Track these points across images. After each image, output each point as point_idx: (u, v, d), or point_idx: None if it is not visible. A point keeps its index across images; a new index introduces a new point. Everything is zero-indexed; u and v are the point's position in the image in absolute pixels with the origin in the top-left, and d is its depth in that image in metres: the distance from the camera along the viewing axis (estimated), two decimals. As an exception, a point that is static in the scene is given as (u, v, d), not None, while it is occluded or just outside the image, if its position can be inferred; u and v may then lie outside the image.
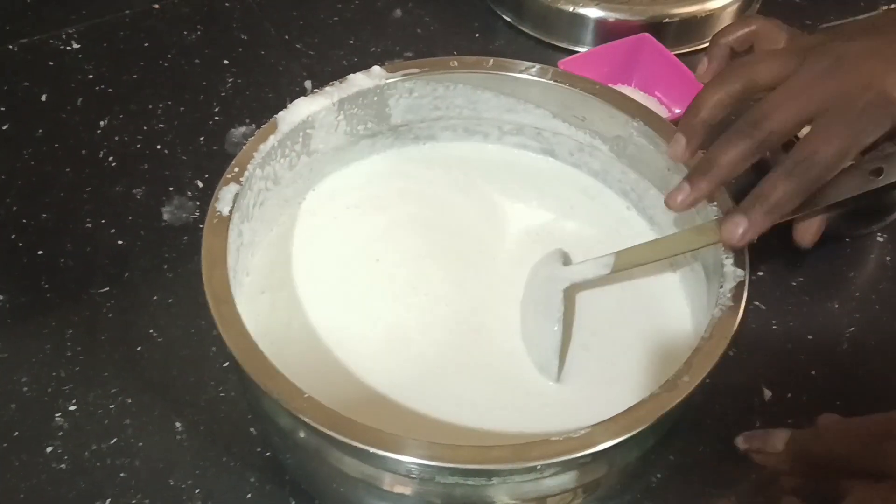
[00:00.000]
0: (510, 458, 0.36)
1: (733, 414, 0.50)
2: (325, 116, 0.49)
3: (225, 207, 0.43)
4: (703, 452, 0.48)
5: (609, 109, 0.49)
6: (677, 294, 0.49)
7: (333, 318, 0.48)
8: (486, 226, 0.52)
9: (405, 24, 0.71)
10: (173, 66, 0.68)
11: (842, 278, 0.56)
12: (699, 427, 0.49)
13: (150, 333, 0.52)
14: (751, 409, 0.50)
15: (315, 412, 0.37)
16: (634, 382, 0.45)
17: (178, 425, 0.49)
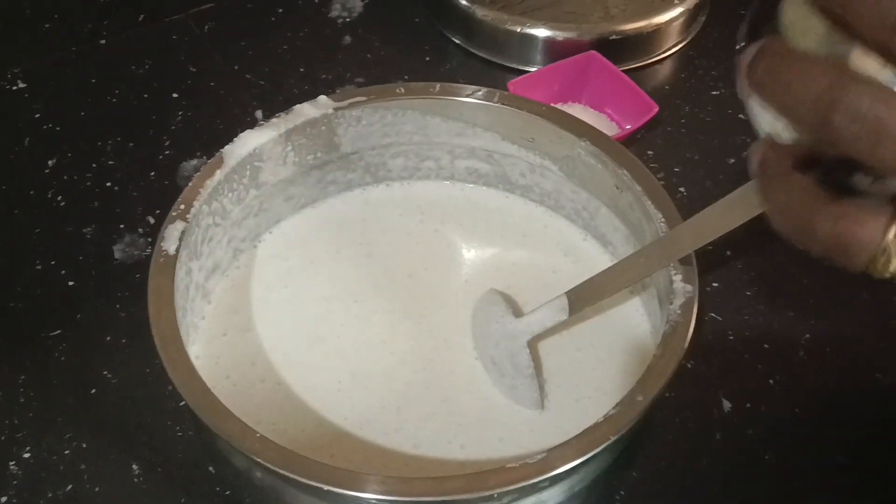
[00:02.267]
0: (466, 489, 0.36)
1: (694, 427, 0.50)
2: (272, 148, 0.49)
3: (171, 246, 0.43)
4: (665, 467, 0.48)
5: (556, 130, 0.50)
6: (639, 310, 0.50)
7: (296, 358, 0.48)
8: (442, 263, 0.53)
9: (355, 51, 0.71)
10: (122, 102, 0.67)
11: (796, 286, 0.57)
12: (661, 442, 0.49)
13: (104, 375, 0.52)
14: (711, 421, 0.50)
15: (268, 451, 0.36)
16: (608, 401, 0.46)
17: (136, 468, 0.48)
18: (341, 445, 0.44)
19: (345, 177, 0.55)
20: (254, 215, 0.51)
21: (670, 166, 0.62)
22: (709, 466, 0.48)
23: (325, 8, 0.75)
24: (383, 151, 0.54)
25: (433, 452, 0.44)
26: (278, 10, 0.75)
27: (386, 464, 0.43)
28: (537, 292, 0.50)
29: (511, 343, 0.46)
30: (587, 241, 0.53)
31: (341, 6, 0.75)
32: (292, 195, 0.53)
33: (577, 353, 0.48)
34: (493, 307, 0.48)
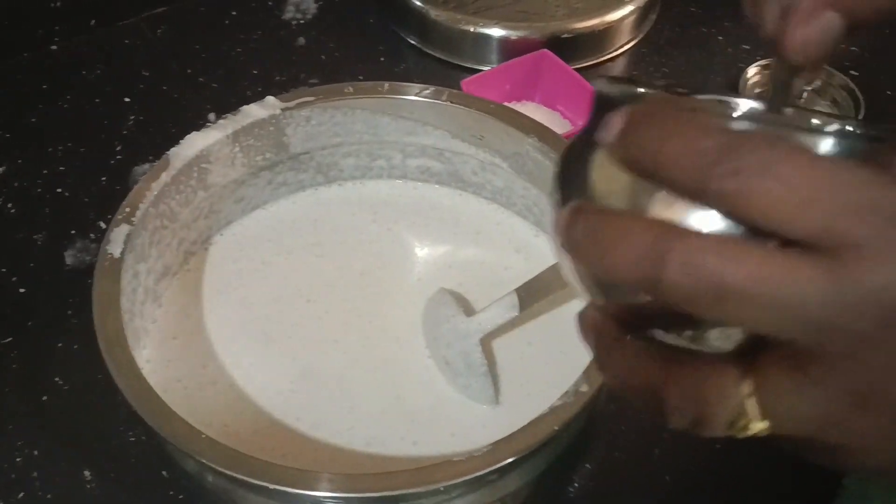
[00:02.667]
0: (413, 483, 0.36)
1: (647, 418, 0.50)
2: (220, 150, 0.49)
3: (116, 249, 0.43)
4: (619, 458, 0.49)
5: (504, 127, 0.50)
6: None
7: (248, 359, 0.48)
8: (394, 262, 0.53)
9: (309, 52, 0.71)
10: (73, 107, 0.67)
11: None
12: (614, 433, 0.49)
13: (55, 382, 0.51)
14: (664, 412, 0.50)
15: (213, 452, 0.36)
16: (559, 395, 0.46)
17: (88, 474, 0.48)
18: (294, 446, 0.44)
19: (296, 177, 0.55)
20: (203, 217, 0.51)
21: (623, 162, 0.63)
22: (662, 456, 0.49)
23: (278, 10, 0.75)
24: (334, 151, 0.54)
25: (385, 450, 0.44)
26: (232, 13, 0.74)
27: (338, 463, 0.43)
28: (490, 290, 0.50)
29: (463, 342, 0.47)
30: (539, 238, 0.54)
31: (295, 8, 0.75)
32: (242, 196, 0.53)
33: (528, 348, 0.49)
34: (444, 307, 0.48)
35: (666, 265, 0.21)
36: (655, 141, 0.22)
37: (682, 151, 0.21)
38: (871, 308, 0.20)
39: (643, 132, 0.22)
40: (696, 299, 0.21)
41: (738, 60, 0.70)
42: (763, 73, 0.69)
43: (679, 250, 0.21)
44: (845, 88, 0.67)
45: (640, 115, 0.23)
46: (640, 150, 0.22)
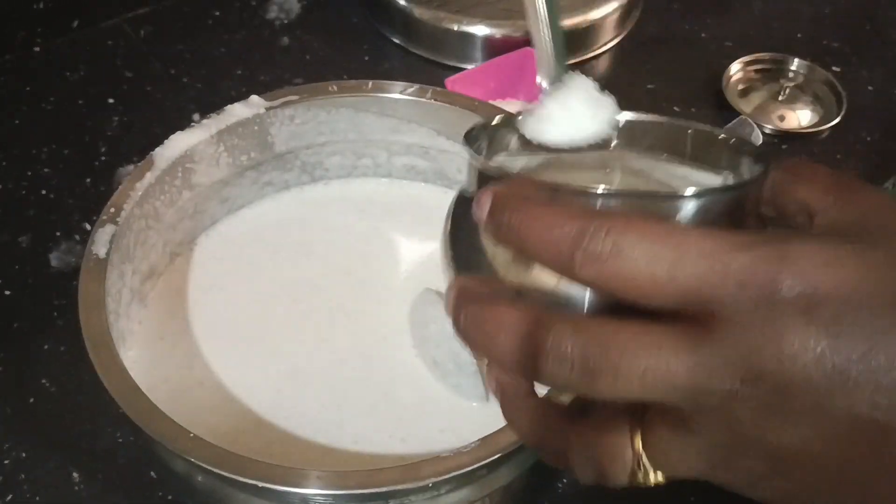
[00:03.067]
0: (401, 479, 0.36)
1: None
2: (204, 149, 0.49)
3: (101, 249, 0.43)
4: (607, 454, 0.49)
5: (488, 124, 0.50)
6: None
7: (235, 359, 0.48)
8: (381, 260, 0.53)
9: (294, 52, 0.71)
10: (57, 109, 0.67)
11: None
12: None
13: (42, 384, 0.51)
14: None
15: (200, 450, 0.36)
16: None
17: (76, 475, 0.47)
18: (282, 445, 0.44)
19: (281, 177, 0.55)
20: (189, 217, 0.51)
21: (607, 158, 0.63)
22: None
23: (262, 10, 0.75)
24: (319, 150, 0.54)
25: (373, 448, 0.44)
26: (215, 13, 0.74)
27: (326, 461, 0.43)
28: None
29: (452, 342, 0.47)
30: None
31: (279, 7, 0.75)
32: (228, 196, 0.53)
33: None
34: (431, 307, 0.48)
35: (540, 357, 0.22)
36: (519, 227, 0.24)
37: (543, 238, 0.23)
38: (733, 369, 0.21)
39: (507, 216, 0.24)
40: (573, 384, 0.22)
41: (722, 57, 0.70)
42: (746, 69, 0.69)
43: (551, 342, 0.22)
44: (827, 84, 0.68)
45: (503, 199, 0.24)
46: (507, 233, 0.24)
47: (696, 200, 0.23)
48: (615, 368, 0.22)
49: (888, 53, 0.74)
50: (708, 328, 0.21)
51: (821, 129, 0.65)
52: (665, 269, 0.22)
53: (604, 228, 0.22)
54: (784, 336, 0.21)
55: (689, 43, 0.73)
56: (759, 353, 0.21)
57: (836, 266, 0.21)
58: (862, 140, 0.66)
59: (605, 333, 0.22)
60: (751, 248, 0.21)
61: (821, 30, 0.75)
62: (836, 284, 0.21)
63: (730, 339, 0.21)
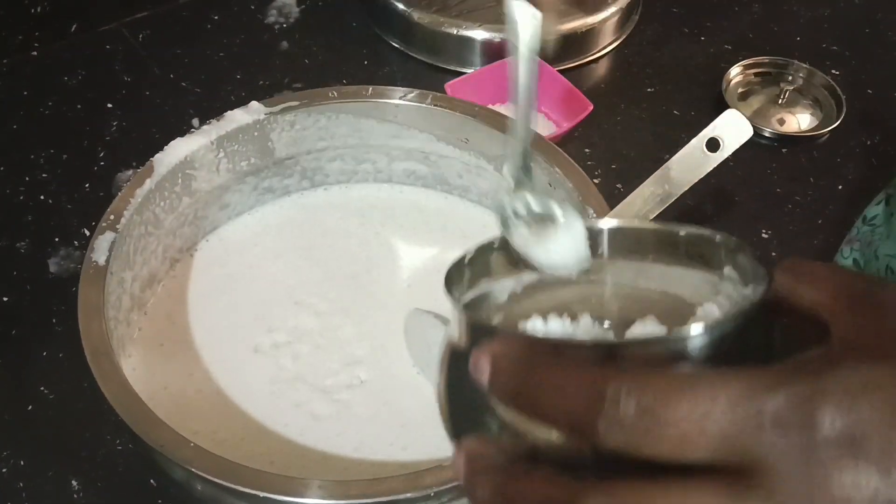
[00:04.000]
0: (403, 488, 0.36)
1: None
2: (204, 155, 0.49)
3: (101, 257, 0.42)
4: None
5: (489, 130, 0.50)
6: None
7: (234, 365, 0.48)
8: (383, 265, 0.53)
9: (293, 56, 0.71)
10: (55, 113, 0.66)
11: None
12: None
13: (41, 391, 0.51)
14: None
15: (201, 460, 0.36)
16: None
17: (75, 483, 0.47)
18: (282, 452, 0.44)
19: (281, 182, 0.54)
20: (189, 224, 0.51)
21: (608, 163, 0.63)
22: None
23: (261, 14, 0.74)
24: (319, 156, 0.54)
25: (374, 455, 0.44)
26: (214, 17, 0.74)
27: (327, 469, 0.43)
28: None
29: None
30: (526, 240, 0.54)
31: (278, 12, 0.74)
32: (228, 203, 0.53)
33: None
34: (431, 330, 0.47)
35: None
36: (528, 393, 0.22)
37: (558, 406, 0.22)
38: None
39: (513, 383, 0.22)
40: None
41: (721, 60, 0.70)
42: (746, 72, 0.69)
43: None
44: (827, 88, 0.68)
45: (504, 364, 0.23)
46: (515, 399, 0.22)
47: (707, 335, 0.22)
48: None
49: (887, 57, 0.73)
50: (751, 480, 0.20)
51: (820, 133, 0.65)
52: (695, 424, 0.20)
53: (622, 390, 0.21)
54: (834, 479, 0.19)
55: (689, 46, 0.73)
56: (811, 502, 0.20)
57: (873, 390, 0.20)
58: (861, 143, 0.66)
59: (640, 499, 0.21)
60: (782, 385, 0.20)
61: (820, 33, 0.75)
62: (878, 412, 0.20)
63: (777, 489, 0.20)
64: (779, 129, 0.66)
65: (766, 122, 0.66)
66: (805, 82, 0.69)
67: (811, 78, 0.69)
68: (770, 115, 0.67)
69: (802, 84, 0.69)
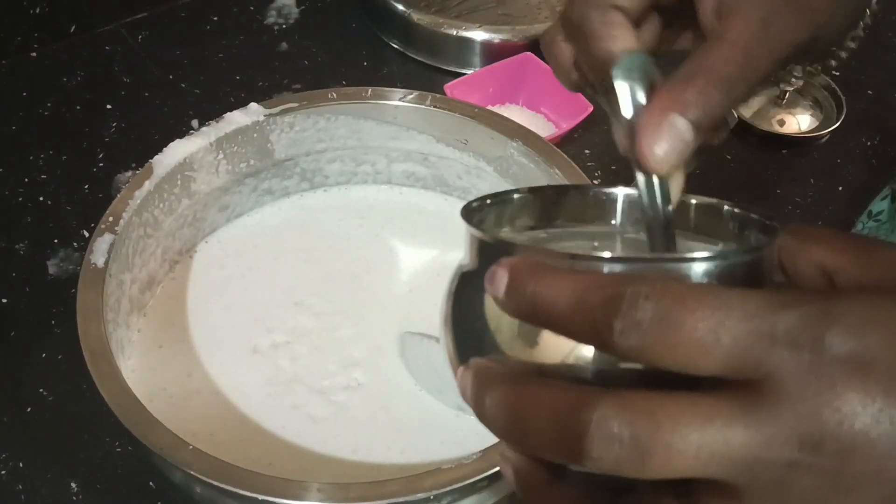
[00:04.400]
0: (402, 491, 0.36)
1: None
2: (203, 157, 0.48)
3: (100, 259, 0.42)
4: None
5: (488, 131, 0.50)
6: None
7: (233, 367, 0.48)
8: (383, 267, 0.53)
9: (292, 57, 0.71)
10: (54, 114, 0.66)
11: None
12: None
13: (39, 393, 0.51)
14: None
15: (200, 463, 0.36)
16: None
17: (74, 486, 0.47)
18: (280, 454, 0.44)
19: (280, 184, 0.54)
20: (188, 225, 0.50)
21: (608, 164, 0.63)
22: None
23: (260, 15, 0.74)
24: (319, 157, 0.54)
25: (372, 458, 0.44)
26: (213, 18, 0.74)
27: (325, 471, 0.43)
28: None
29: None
30: (525, 241, 0.54)
31: (277, 13, 0.74)
32: (227, 204, 0.53)
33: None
34: (434, 355, 0.46)
35: (584, 439, 0.21)
36: (545, 299, 0.22)
37: (574, 310, 0.21)
38: (792, 437, 0.20)
39: (530, 289, 0.22)
40: (622, 465, 0.21)
41: (721, 61, 0.70)
42: (745, 73, 0.69)
43: (596, 422, 0.20)
44: (827, 88, 0.68)
45: (522, 273, 0.23)
46: (531, 307, 0.22)
47: (717, 262, 0.23)
48: (668, 446, 0.20)
49: (887, 58, 0.73)
50: (760, 394, 0.20)
51: (820, 134, 0.65)
52: (710, 334, 0.20)
53: (641, 294, 0.21)
54: (842, 396, 0.20)
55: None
56: (818, 416, 0.20)
57: (882, 318, 0.21)
58: (861, 145, 0.66)
59: (653, 409, 0.21)
60: (795, 306, 0.21)
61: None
62: (886, 338, 0.20)
63: (785, 404, 0.20)
64: (779, 130, 0.66)
65: (766, 124, 0.66)
66: (805, 83, 0.69)
67: (811, 79, 0.69)
68: (770, 116, 0.67)
69: (802, 85, 0.69)
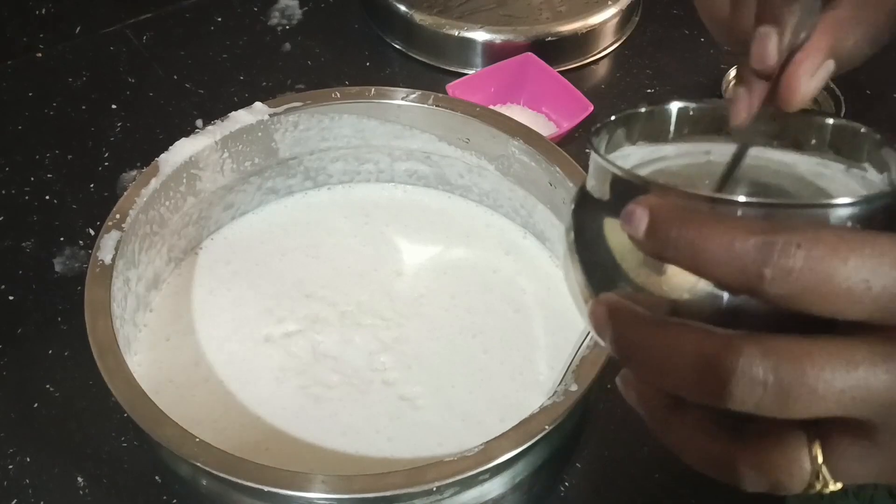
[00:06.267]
0: (406, 483, 0.36)
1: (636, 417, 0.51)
2: (209, 155, 0.49)
3: (107, 256, 0.43)
4: (609, 457, 0.49)
5: (490, 130, 0.51)
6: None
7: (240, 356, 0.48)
8: (384, 265, 0.53)
9: (295, 57, 0.72)
10: (59, 114, 0.67)
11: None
12: (604, 433, 0.50)
13: (46, 389, 0.51)
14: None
15: (207, 456, 0.36)
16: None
17: (81, 480, 0.48)
18: (285, 446, 0.44)
19: (285, 183, 0.55)
20: (193, 223, 0.51)
21: (608, 163, 0.64)
22: (651, 455, 0.49)
23: (264, 16, 0.75)
24: (322, 156, 0.54)
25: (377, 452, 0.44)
26: (217, 19, 0.75)
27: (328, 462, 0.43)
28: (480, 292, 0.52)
29: None
30: (526, 239, 0.54)
31: (280, 13, 0.75)
32: (232, 203, 0.53)
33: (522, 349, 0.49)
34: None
35: (730, 382, 0.21)
36: (690, 244, 0.22)
37: (723, 257, 0.22)
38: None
39: (675, 233, 0.22)
40: (765, 407, 0.21)
41: (721, 62, 0.71)
42: (745, 73, 0.70)
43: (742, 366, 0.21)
44: (825, 88, 0.68)
45: (665, 214, 0.23)
46: (675, 251, 0.23)
47: (861, 206, 0.23)
48: (812, 390, 0.21)
49: (886, 57, 0.73)
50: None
51: (820, 134, 0.66)
52: (861, 281, 0.21)
53: (793, 242, 0.21)
54: None
55: (689, 47, 0.74)
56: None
57: None
58: (860, 144, 0.66)
59: (797, 354, 0.21)
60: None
61: (819, 35, 0.75)
62: None
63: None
64: (778, 129, 0.66)
65: (765, 123, 0.66)
66: (804, 83, 0.69)
67: (810, 79, 0.69)
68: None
69: (801, 85, 0.69)
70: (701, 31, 0.75)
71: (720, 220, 0.22)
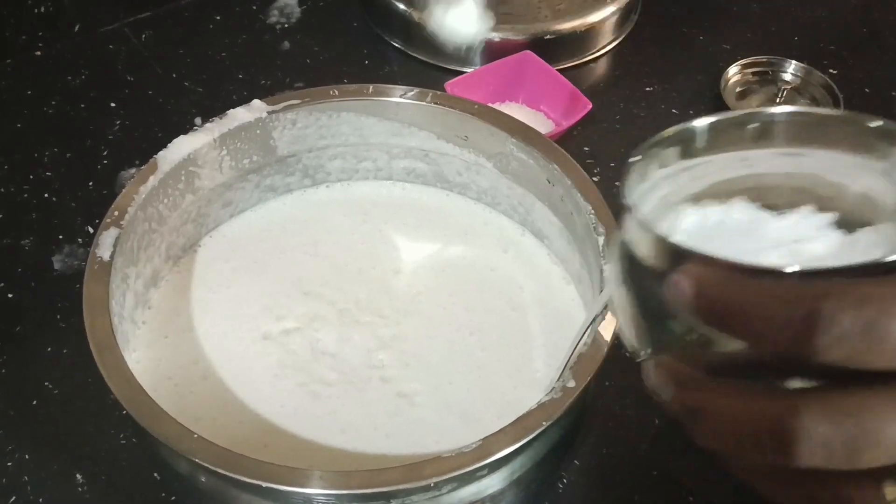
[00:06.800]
0: (403, 479, 0.36)
1: (634, 413, 0.51)
2: (207, 153, 0.49)
3: (105, 253, 0.43)
4: (607, 454, 0.50)
5: (488, 128, 0.51)
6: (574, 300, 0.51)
7: (239, 352, 0.48)
8: (382, 263, 0.53)
9: (294, 56, 0.72)
10: (58, 112, 0.67)
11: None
12: (602, 429, 0.50)
13: (45, 386, 0.51)
14: (650, 407, 0.51)
15: (206, 452, 0.36)
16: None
17: (79, 477, 0.48)
18: (283, 442, 0.44)
19: (283, 180, 0.55)
20: (192, 221, 0.51)
21: (606, 161, 0.64)
22: (649, 452, 0.49)
23: (262, 14, 0.75)
24: (321, 154, 0.55)
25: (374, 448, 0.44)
26: (216, 17, 0.75)
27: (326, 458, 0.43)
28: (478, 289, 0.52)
29: None
30: (525, 237, 0.54)
31: (279, 12, 0.75)
32: (230, 200, 0.53)
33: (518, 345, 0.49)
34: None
35: (796, 446, 0.22)
36: (737, 316, 0.23)
37: (772, 330, 0.22)
38: None
39: (719, 306, 0.23)
40: (833, 463, 0.22)
41: (719, 60, 0.71)
42: (744, 72, 0.70)
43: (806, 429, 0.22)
44: (824, 86, 0.68)
45: (709, 287, 0.23)
46: (720, 321, 0.23)
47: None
48: (875, 443, 0.21)
49: (885, 56, 0.74)
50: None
51: (818, 132, 0.66)
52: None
53: (840, 309, 0.21)
54: None
55: (688, 46, 0.74)
56: None
57: None
58: (859, 142, 0.66)
59: (856, 411, 0.22)
60: None
61: (817, 33, 0.75)
62: None
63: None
64: (776, 127, 0.66)
65: (763, 121, 0.66)
66: (803, 81, 0.69)
67: (809, 77, 0.69)
68: (768, 114, 0.67)
69: (800, 83, 0.69)
70: (700, 30, 0.75)
71: (765, 289, 0.22)
